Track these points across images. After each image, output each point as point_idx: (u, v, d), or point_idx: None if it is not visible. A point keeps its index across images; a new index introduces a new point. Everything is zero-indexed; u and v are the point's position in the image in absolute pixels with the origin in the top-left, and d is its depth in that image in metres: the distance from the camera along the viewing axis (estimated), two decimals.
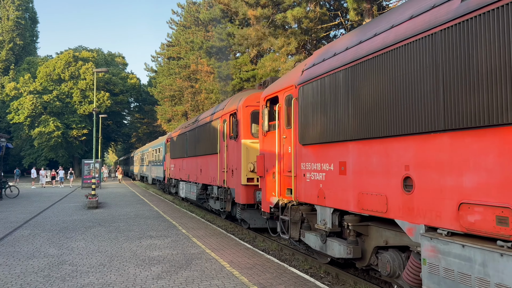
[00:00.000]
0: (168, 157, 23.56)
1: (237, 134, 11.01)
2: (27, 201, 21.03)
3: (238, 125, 11.00)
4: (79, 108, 53.60)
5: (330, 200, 6.46)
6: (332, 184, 6.42)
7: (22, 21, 60.49)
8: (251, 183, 10.52)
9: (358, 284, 6.54)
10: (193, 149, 16.57)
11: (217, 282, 6.35)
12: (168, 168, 23.65)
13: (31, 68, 56.37)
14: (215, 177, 13.16)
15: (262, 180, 9.06)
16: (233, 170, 11.35)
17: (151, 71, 62.53)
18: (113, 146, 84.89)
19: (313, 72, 7.01)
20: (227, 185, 11.89)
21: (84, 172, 32.26)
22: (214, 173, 13.30)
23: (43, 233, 11.11)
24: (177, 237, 10.30)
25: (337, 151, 6.25)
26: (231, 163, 11.58)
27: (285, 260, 8.62)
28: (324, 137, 6.52)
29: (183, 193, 18.82)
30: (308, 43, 22.40)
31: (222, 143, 12.52)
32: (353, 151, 5.86)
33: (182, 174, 18.85)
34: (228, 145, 11.95)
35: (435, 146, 4.35)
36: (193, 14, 47.29)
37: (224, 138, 12.32)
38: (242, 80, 26.87)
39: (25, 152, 54.73)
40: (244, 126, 10.85)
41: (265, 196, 8.88)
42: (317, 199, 6.86)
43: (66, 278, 6.68)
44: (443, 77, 4.20)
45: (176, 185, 21.46)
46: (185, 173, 18.06)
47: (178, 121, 45.11)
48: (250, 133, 10.82)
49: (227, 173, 11.89)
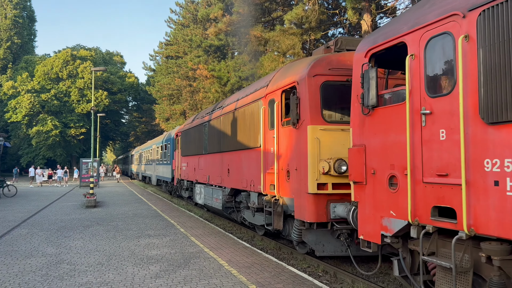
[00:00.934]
0: (178, 155, 20.01)
1: (298, 118, 7.53)
2: (25, 200, 20.99)
3: (300, 104, 7.54)
4: (77, 107, 53.56)
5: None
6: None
7: (20, 20, 60.34)
8: (322, 191, 7.04)
9: (356, 283, 6.56)
10: (215, 144, 13.05)
11: (215, 281, 6.35)
12: (178, 167, 19.98)
13: (29, 67, 56.27)
14: (254, 180, 9.74)
15: (360, 188, 5.79)
16: (289, 171, 7.92)
17: (149, 70, 62.43)
18: (111, 145, 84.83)
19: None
20: (279, 193, 8.35)
21: (82, 171, 32.23)
22: (252, 175, 9.86)
23: (41, 232, 11.09)
24: (175, 236, 10.30)
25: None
26: (286, 160, 8.08)
27: (284, 259, 8.63)
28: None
29: (200, 199, 15.28)
30: (307, 42, 22.41)
31: (267, 133, 9.03)
32: None
33: (198, 175, 15.47)
34: (280, 135, 8.43)
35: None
36: (191, 13, 47.22)
37: (271, 126, 8.85)
38: (240, 79, 26.86)
39: (23, 151, 54.65)
40: (312, 106, 7.32)
41: (370, 214, 5.56)
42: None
43: (64, 277, 6.67)
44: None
45: (190, 188, 17.88)
46: (203, 173, 14.69)
47: (176, 120, 45.05)
48: (321, 116, 7.27)
49: (279, 175, 8.36)
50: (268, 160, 8.96)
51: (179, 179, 19.79)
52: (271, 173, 8.73)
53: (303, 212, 7.30)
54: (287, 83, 8.13)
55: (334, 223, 7.16)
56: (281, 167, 8.27)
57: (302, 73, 7.63)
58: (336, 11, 21.33)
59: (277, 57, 22.31)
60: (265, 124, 9.12)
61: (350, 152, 5.91)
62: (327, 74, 7.45)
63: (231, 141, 11.52)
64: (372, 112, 5.54)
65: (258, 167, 9.45)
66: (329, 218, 7.13)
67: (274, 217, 8.56)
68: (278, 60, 21.99)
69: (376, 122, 5.49)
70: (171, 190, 24.09)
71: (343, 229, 7.11)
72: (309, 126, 7.21)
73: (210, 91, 31.52)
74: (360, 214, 5.79)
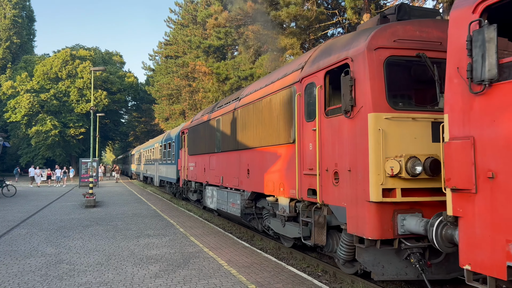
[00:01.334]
0: (184, 154, 18.39)
1: (353, 105, 5.90)
2: (24, 200, 20.97)
3: (356, 87, 5.90)
4: (77, 107, 53.54)
5: None
6: None
7: (19, 20, 60.29)
8: (389, 199, 5.51)
9: (355, 282, 6.56)
10: (231, 141, 11.36)
11: (214, 281, 6.35)
12: (184, 167, 18.36)
13: (28, 67, 56.25)
14: (285, 183, 8.03)
15: (467, 198, 4.24)
16: (337, 172, 6.29)
17: (149, 69, 62.44)
18: (111, 145, 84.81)
19: None
20: (322, 199, 6.66)
21: (82, 171, 32.23)
22: (282, 177, 8.16)
23: (40, 232, 11.08)
24: (174, 236, 10.30)
25: None
26: (334, 159, 6.39)
27: (283, 258, 8.62)
28: None
29: (212, 203, 13.56)
30: (307, 42, 22.42)
31: (304, 126, 7.28)
32: None
33: (209, 176, 13.87)
34: (323, 127, 6.67)
35: None
36: (190, 13, 47.22)
37: (309, 117, 7.12)
38: (240, 79, 26.85)
39: (22, 151, 54.62)
40: (374, 88, 5.63)
41: (485, 236, 4.06)
42: None
43: (64, 277, 6.67)
44: None
45: (199, 190, 16.22)
46: (216, 174, 13.03)
47: (175, 120, 45.03)
48: (386, 101, 5.65)
49: (322, 177, 6.66)
50: (305, 158, 7.22)
51: (186, 180, 18.31)
52: (310, 175, 7.02)
53: (362, 226, 5.69)
54: (334, 61, 6.43)
55: (403, 239, 5.62)
56: (326, 167, 6.53)
57: (358, 46, 5.93)
58: (335, 11, 21.34)
59: (277, 56, 22.33)
60: (300, 114, 7.40)
61: (448, 148, 4.41)
62: (392, 47, 5.76)
63: (252, 137, 9.84)
64: (489, 90, 3.99)
65: (291, 168, 7.75)
66: (397, 233, 5.55)
67: (315, 229, 6.92)
68: (277, 59, 22.02)
69: (496, 104, 3.96)
70: (176, 192, 22.79)
71: (415, 247, 5.61)
72: (371, 114, 5.56)
73: (210, 91, 31.52)
74: (466, 235, 4.24)
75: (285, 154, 8.07)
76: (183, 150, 18.74)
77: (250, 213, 10.50)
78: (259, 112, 9.37)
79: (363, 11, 18.11)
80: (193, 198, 17.15)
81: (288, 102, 7.86)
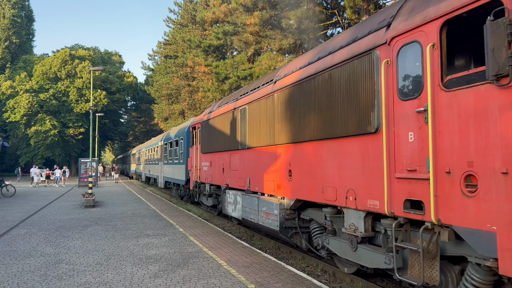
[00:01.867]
0: (196, 152, 15.93)
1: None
2: (24, 200, 20.96)
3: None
4: (76, 107, 53.52)
5: None
6: None
7: (18, 19, 60.29)
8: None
9: (355, 282, 6.57)
10: (264, 134, 9.06)
11: (214, 281, 6.35)
12: (195, 167, 15.93)
13: (27, 67, 56.22)
14: (358, 190, 5.80)
15: None
16: (473, 175, 4.05)
17: (148, 69, 62.45)
18: (110, 144, 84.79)
19: None
20: (438, 217, 4.40)
21: (81, 171, 32.21)
22: (354, 181, 5.91)
23: (39, 232, 11.08)
24: (174, 236, 10.30)
25: None
26: (464, 155, 4.13)
27: (282, 258, 8.63)
28: None
29: (235, 211, 11.20)
30: (306, 41, 22.42)
31: (396, 108, 5.07)
32: None
33: (230, 177, 11.51)
34: (437, 107, 4.44)
35: None
36: (190, 13, 47.22)
37: (408, 93, 4.88)
38: (239, 78, 26.85)
39: (22, 151, 54.64)
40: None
41: None
42: None
43: (63, 277, 6.67)
44: None
45: (215, 194, 14.08)
46: (239, 176, 10.78)
47: (175, 120, 45.03)
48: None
49: (439, 183, 4.43)
50: (400, 155, 4.97)
51: (198, 182, 15.85)
52: (409, 179, 4.81)
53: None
54: (465, 0, 4.09)
55: None
56: (447, 167, 4.31)
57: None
58: (334, 11, 21.35)
59: (275, 56, 22.33)
60: (391, 91, 5.15)
61: None
62: None
63: (296, 128, 7.55)
64: None
65: (370, 168, 5.53)
66: None
67: (422, 261, 4.63)
68: (276, 58, 22.01)
69: None
70: (184, 195, 20.16)
71: None
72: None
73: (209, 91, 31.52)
74: None
75: (358, 148, 5.81)
76: (194, 147, 16.34)
77: (292, 226, 8.26)
78: (309, 95, 7.07)
79: (362, 11, 18.12)
80: (208, 203, 14.64)
81: (365, 75, 5.63)
